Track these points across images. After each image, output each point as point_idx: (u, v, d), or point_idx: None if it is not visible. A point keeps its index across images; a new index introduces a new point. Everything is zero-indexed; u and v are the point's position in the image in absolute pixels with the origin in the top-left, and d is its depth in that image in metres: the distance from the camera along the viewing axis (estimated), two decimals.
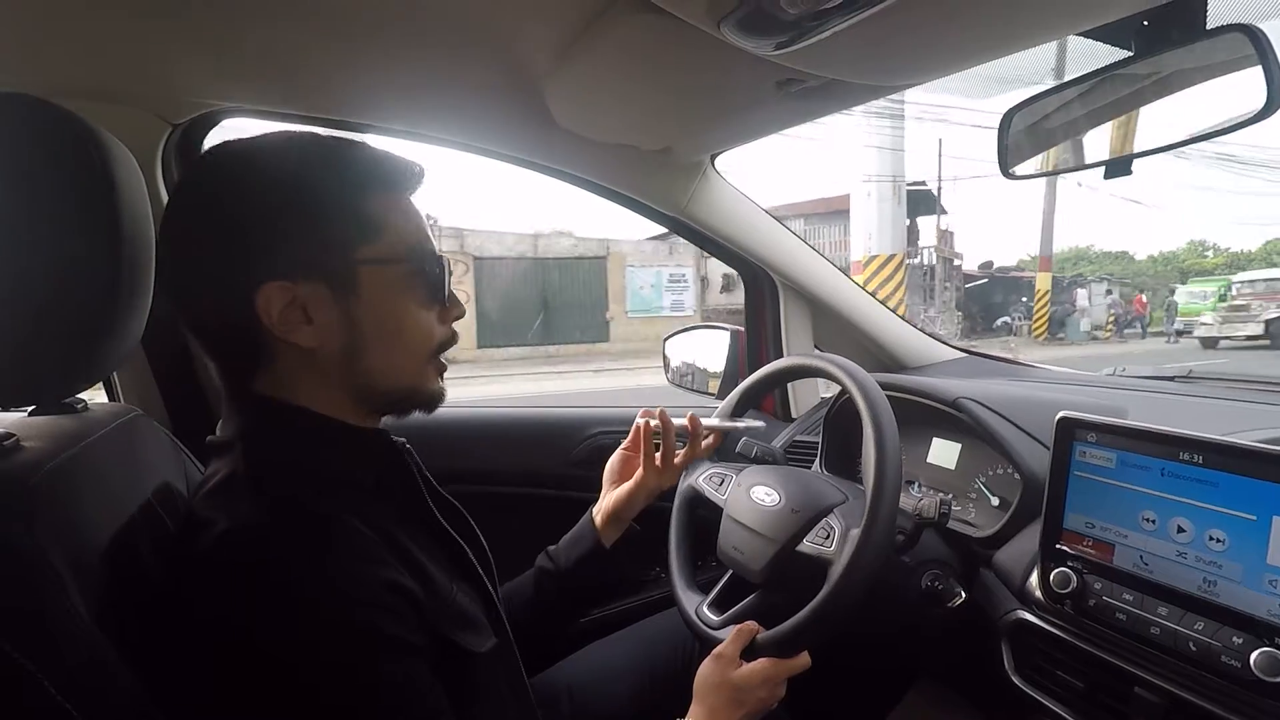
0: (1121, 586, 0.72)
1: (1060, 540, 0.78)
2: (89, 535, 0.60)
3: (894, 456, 0.80)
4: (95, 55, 0.93)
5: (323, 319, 0.62)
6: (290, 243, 0.61)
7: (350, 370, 0.65)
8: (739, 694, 0.77)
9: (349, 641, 0.54)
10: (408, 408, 0.70)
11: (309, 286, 0.61)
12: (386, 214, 0.64)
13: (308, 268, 0.61)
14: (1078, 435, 0.78)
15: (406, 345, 0.67)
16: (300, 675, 0.52)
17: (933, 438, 1.13)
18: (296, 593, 0.53)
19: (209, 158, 0.66)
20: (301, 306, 0.61)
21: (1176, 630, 0.67)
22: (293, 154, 0.64)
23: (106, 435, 0.71)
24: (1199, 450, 0.68)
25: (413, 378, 0.68)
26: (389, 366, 0.66)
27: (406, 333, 0.66)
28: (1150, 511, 0.71)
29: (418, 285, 0.66)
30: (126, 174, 0.66)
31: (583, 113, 1.07)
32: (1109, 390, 1.20)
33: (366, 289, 0.63)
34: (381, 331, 0.65)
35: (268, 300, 0.60)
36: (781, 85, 0.89)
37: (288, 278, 0.60)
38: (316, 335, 0.62)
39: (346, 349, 0.64)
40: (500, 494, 1.40)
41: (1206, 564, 0.66)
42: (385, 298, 0.64)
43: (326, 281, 0.62)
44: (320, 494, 0.61)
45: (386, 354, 0.65)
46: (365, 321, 0.64)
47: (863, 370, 0.89)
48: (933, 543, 0.93)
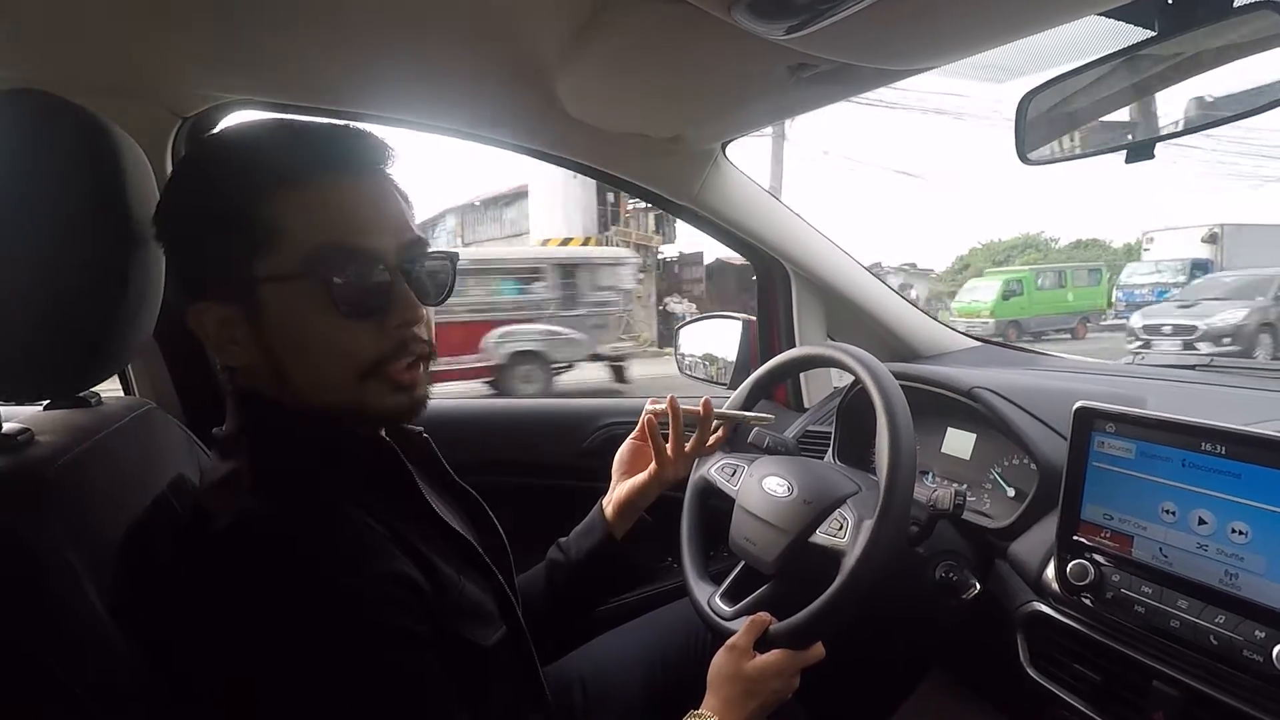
0: (1140, 579, 0.71)
1: (1078, 532, 0.77)
2: (103, 528, 0.60)
3: (908, 447, 0.79)
4: (107, 49, 0.93)
5: (243, 340, 0.60)
6: (200, 261, 0.60)
7: (281, 390, 0.62)
8: (753, 685, 0.77)
9: (354, 632, 0.54)
10: (365, 423, 0.65)
11: (223, 307, 0.59)
12: (285, 216, 0.57)
13: (215, 287, 0.59)
14: (1096, 425, 0.77)
15: (327, 364, 0.60)
16: (307, 666, 0.53)
17: (947, 428, 1.12)
18: (301, 584, 0.53)
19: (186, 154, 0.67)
20: (228, 325, 0.60)
21: (1197, 624, 0.66)
22: (213, 153, 0.62)
23: (120, 429, 0.72)
24: (1222, 441, 0.66)
25: (349, 397, 0.61)
26: (315, 386, 0.61)
27: (323, 352, 0.59)
28: (1170, 503, 0.70)
29: (335, 296, 0.58)
30: (136, 168, 0.66)
31: (593, 101, 1.06)
32: (1127, 379, 1.18)
33: (270, 308, 0.58)
34: (295, 351, 0.60)
35: (199, 320, 0.60)
36: (793, 71, 0.87)
37: (197, 297, 0.60)
38: (242, 355, 0.61)
39: (269, 370, 0.61)
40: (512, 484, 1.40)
41: (1228, 556, 0.65)
42: (292, 316, 0.58)
43: (233, 302, 0.59)
44: (321, 485, 0.60)
45: (307, 375, 0.61)
46: (274, 344, 0.59)
47: (876, 359, 0.88)
48: (947, 533, 0.92)
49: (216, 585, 0.54)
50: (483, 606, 0.69)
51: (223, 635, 0.53)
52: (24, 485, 0.55)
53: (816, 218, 1.38)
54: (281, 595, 0.53)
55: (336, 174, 0.58)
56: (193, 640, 0.55)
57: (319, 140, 0.59)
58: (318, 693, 0.53)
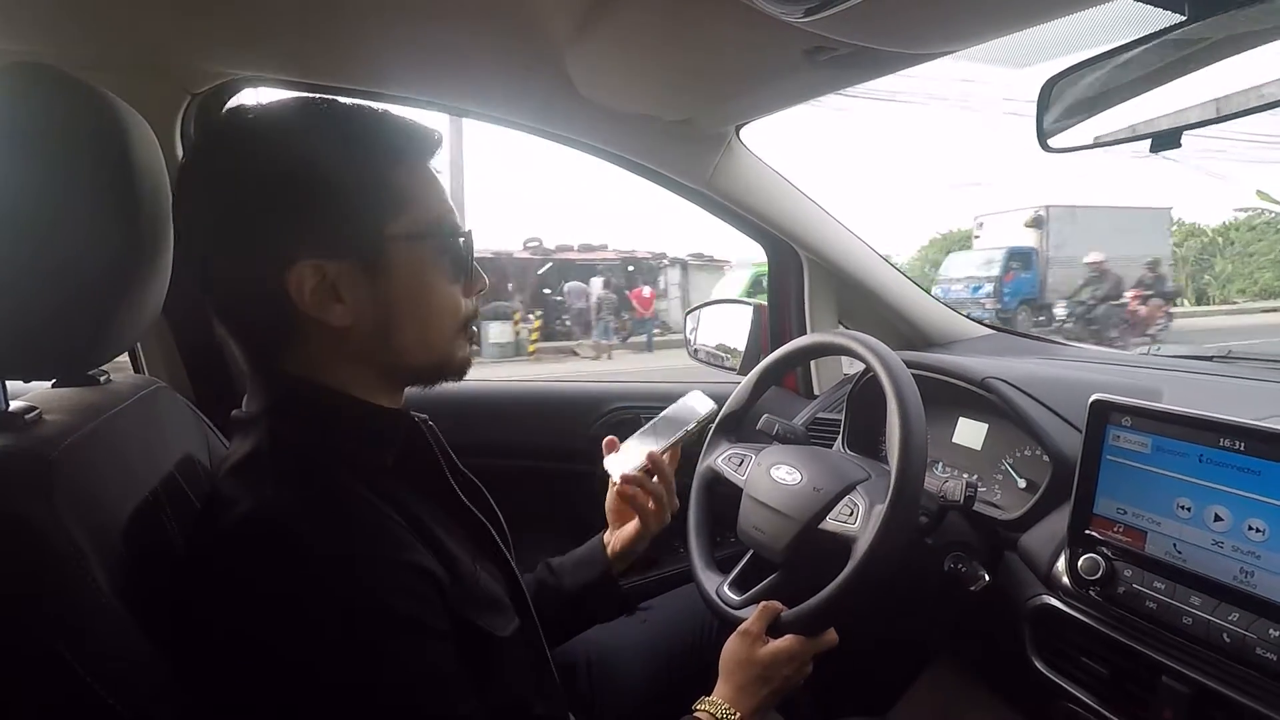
0: (1153, 574, 0.70)
1: (1090, 526, 0.76)
2: (110, 509, 0.60)
3: (919, 436, 0.78)
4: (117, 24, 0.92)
5: (354, 298, 0.61)
6: (320, 220, 0.59)
7: (381, 347, 0.64)
8: (766, 671, 0.77)
9: (373, 626, 0.54)
10: (435, 379, 0.69)
11: (340, 265, 0.60)
12: (412, 186, 0.63)
13: (338, 245, 0.60)
14: (1111, 419, 0.75)
15: (437, 321, 0.66)
16: (323, 658, 0.52)
17: (959, 417, 1.11)
18: (320, 576, 0.53)
19: (229, 126, 0.65)
20: (332, 285, 0.60)
21: (1210, 621, 0.65)
22: (318, 124, 0.62)
23: (128, 408, 0.72)
24: (1241, 437, 0.65)
25: (443, 352, 0.67)
26: (420, 343, 0.65)
27: (436, 309, 0.65)
28: (1186, 499, 0.69)
29: (445, 260, 0.65)
30: (143, 143, 0.65)
31: (605, 81, 1.05)
32: (1143, 370, 1.16)
33: (397, 266, 0.62)
34: (413, 308, 0.64)
35: (299, 279, 0.59)
36: (809, 53, 0.85)
37: (319, 256, 0.59)
38: (348, 314, 0.61)
39: (378, 327, 0.63)
40: (517, 467, 1.40)
41: (1244, 554, 0.64)
42: (415, 274, 0.63)
43: (357, 259, 0.61)
44: (343, 472, 0.60)
45: (418, 331, 0.65)
46: (396, 299, 0.62)
47: (888, 348, 0.87)
48: (957, 525, 0.92)
49: (232, 575, 0.54)
50: (497, 596, 0.69)
51: (236, 627, 0.53)
52: (30, 465, 0.55)
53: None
54: (298, 587, 0.53)
55: (429, 158, 0.66)
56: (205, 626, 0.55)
57: (418, 128, 0.65)
58: (333, 685, 0.53)
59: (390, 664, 0.54)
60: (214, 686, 0.55)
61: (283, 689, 0.53)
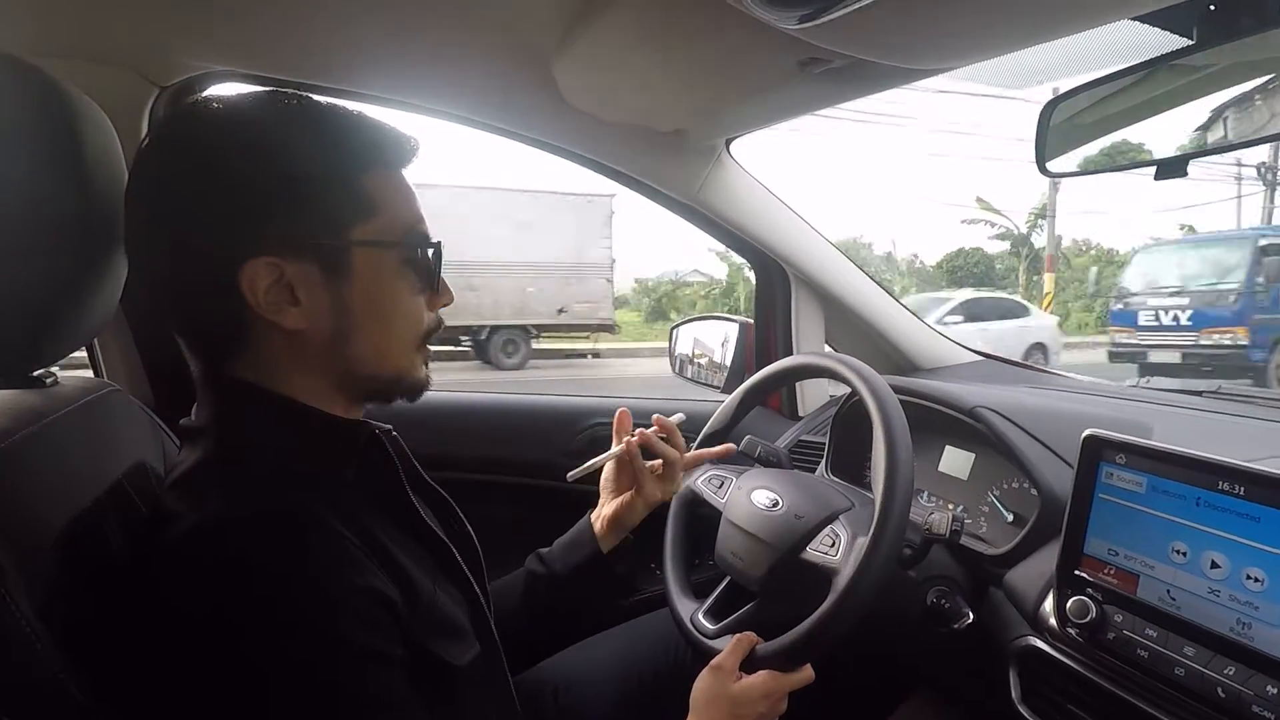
0: (1145, 621, 0.67)
1: (1080, 566, 0.73)
2: (43, 519, 0.56)
3: (906, 465, 0.76)
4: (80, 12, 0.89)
5: (311, 301, 0.58)
6: (282, 217, 0.57)
7: (335, 355, 0.61)
8: (738, 708, 0.73)
9: (320, 651, 0.50)
10: (392, 395, 0.66)
11: (299, 265, 0.57)
12: (383, 192, 0.61)
13: (298, 245, 0.57)
14: (1105, 455, 0.73)
15: (396, 332, 0.64)
16: (266, 684, 0.49)
17: (945, 446, 1.08)
18: (265, 597, 0.50)
19: (192, 114, 0.62)
20: (289, 286, 0.57)
21: (1204, 673, 0.62)
22: (287, 119, 0.60)
23: (73, 411, 0.68)
24: (1241, 481, 0.62)
25: (399, 365, 0.65)
26: (376, 353, 0.63)
27: (398, 319, 0.63)
28: (1181, 543, 0.66)
29: (410, 270, 0.63)
30: (97, 133, 0.62)
31: (592, 90, 1.02)
32: (1133, 404, 1.14)
33: (359, 272, 0.60)
34: (372, 317, 0.62)
35: (253, 277, 0.56)
36: (804, 65, 0.83)
37: (276, 254, 0.56)
38: (304, 317, 0.58)
39: (334, 333, 0.60)
40: (492, 483, 1.36)
41: (1242, 604, 0.61)
42: (378, 282, 0.61)
43: (318, 261, 0.58)
44: (296, 487, 0.57)
45: (375, 340, 0.62)
46: (356, 306, 0.60)
47: (875, 373, 0.85)
48: (940, 557, 0.89)
49: (171, 595, 0.50)
50: (456, 621, 0.65)
51: (174, 646, 0.50)
52: None
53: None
54: (242, 610, 0.49)
55: (404, 166, 0.64)
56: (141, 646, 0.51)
57: (396, 135, 0.63)
58: (274, 708, 0.49)
59: (339, 693, 0.50)
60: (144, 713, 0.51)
61: (219, 713, 0.49)
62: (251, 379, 0.60)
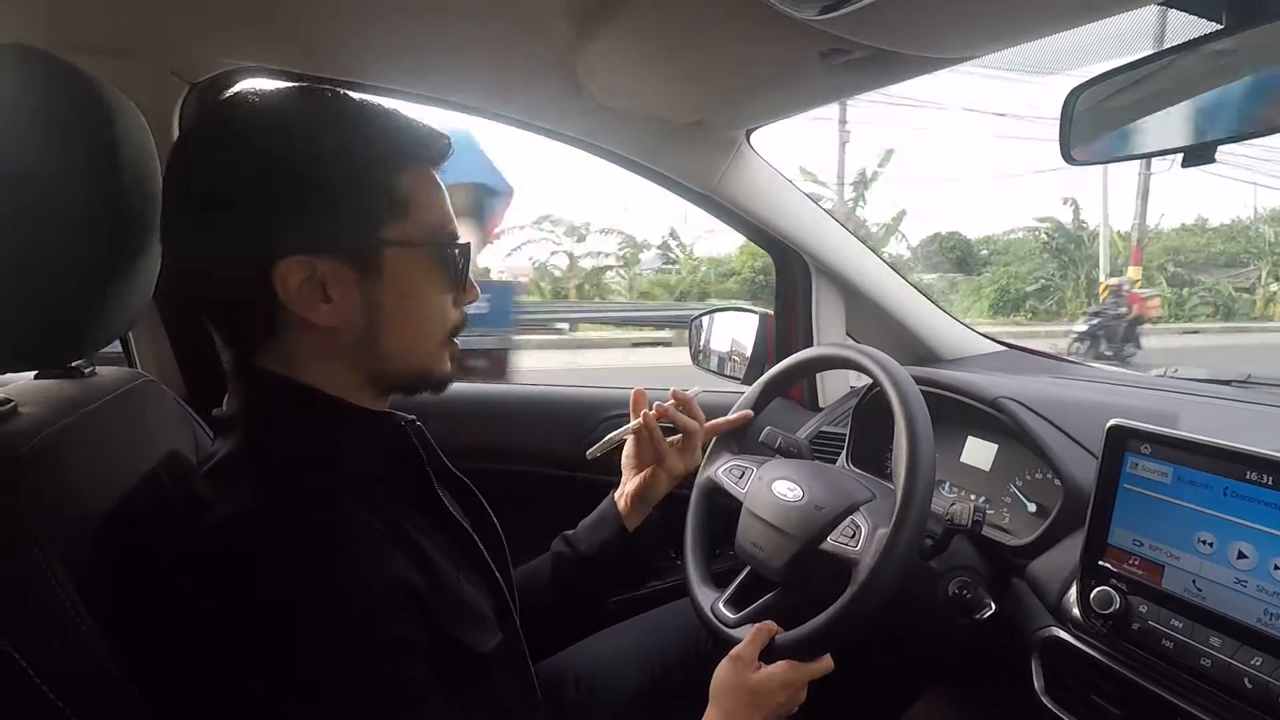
0: (1170, 612, 0.67)
1: (1104, 557, 0.73)
2: (83, 507, 0.58)
3: (928, 456, 0.75)
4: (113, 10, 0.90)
5: (343, 298, 0.59)
6: (315, 215, 0.58)
7: (364, 351, 0.62)
8: (756, 698, 0.74)
9: (350, 640, 0.51)
10: (417, 389, 0.68)
11: (331, 263, 0.58)
12: (415, 191, 0.61)
13: (331, 243, 0.58)
14: (1130, 446, 0.72)
15: (424, 330, 0.65)
16: (297, 671, 0.50)
17: (968, 437, 1.08)
18: (295, 587, 0.51)
19: (227, 110, 0.62)
20: (321, 283, 0.58)
21: (1230, 664, 0.62)
22: (323, 117, 0.60)
23: (110, 402, 0.70)
24: (1270, 471, 0.62)
25: (427, 362, 0.66)
26: (405, 350, 0.64)
27: (426, 318, 0.65)
28: (1208, 533, 0.65)
29: (439, 269, 0.64)
30: (131, 129, 0.63)
31: (613, 82, 1.02)
32: (1160, 393, 1.13)
33: (390, 270, 0.61)
34: (401, 315, 0.63)
35: (286, 274, 0.57)
36: (825, 56, 0.82)
37: (310, 252, 0.57)
38: (334, 314, 0.59)
39: (364, 330, 0.61)
40: (512, 472, 1.38)
41: (1270, 595, 0.61)
42: (408, 281, 0.62)
43: (350, 260, 0.59)
44: (325, 478, 0.58)
45: (404, 337, 0.64)
46: (386, 304, 0.61)
47: (896, 364, 0.84)
48: (962, 548, 0.88)
49: (205, 582, 0.52)
50: (479, 608, 0.66)
51: (208, 635, 0.51)
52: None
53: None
54: (272, 598, 0.50)
55: (436, 164, 0.65)
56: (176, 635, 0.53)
57: (428, 133, 0.63)
58: (305, 699, 0.50)
59: (367, 681, 0.51)
60: (179, 698, 0.53)
61: (252, 702, 0.50)
62: (282, 371, 0.61)
